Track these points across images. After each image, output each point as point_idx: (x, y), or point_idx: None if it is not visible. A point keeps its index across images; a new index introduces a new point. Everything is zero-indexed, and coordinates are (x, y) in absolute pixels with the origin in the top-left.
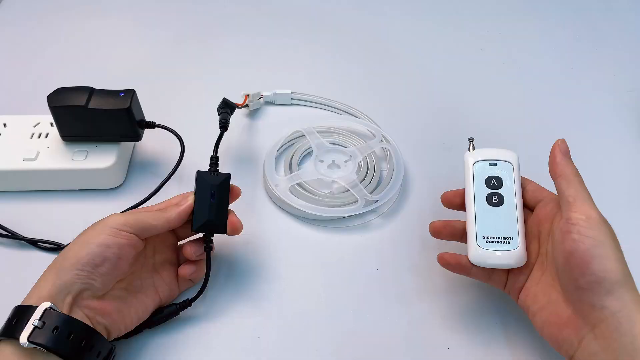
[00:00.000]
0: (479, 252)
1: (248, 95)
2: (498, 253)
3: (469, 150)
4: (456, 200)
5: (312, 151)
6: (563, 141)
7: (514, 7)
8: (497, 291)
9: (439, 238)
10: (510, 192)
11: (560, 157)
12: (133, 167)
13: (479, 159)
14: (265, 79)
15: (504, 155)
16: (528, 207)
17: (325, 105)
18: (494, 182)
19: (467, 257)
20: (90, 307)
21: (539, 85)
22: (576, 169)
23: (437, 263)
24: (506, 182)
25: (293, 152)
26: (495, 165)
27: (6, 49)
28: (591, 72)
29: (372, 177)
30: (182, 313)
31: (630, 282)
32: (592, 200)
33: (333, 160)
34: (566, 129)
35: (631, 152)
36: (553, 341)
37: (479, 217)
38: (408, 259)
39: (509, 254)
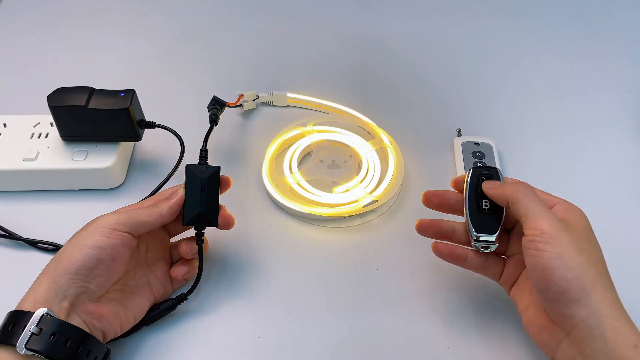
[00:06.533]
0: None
1: (242, 95)
2: None
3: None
4: (433, 200)
5: (312, 151)
6: (484, 183)
7: (514, 7)
8: (498, 291)
9: (422, 234)
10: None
11: (492, 189)
12: (133, 167)
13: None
14: (266, 78)
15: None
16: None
17: (322, 106)
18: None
19: (461, 247)
20: (87, 311)
21: (539, 85)
22: (516, 185)
23: (437, 263)
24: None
25: (293, 152)
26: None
27: (6, 49)
28: (591, 72)
29: (372, 177)
30: (177, 308)
31: (600, 284)
32: (546, 211)
33: (333, 160)
34: (566, 129)
35: (631, 152)
36: (536, 341)
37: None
38: (408, 259)
39: None
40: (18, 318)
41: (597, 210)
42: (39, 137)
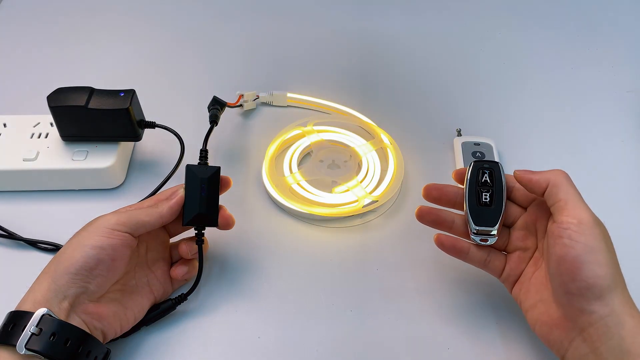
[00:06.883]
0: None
1: (242, 95)
2: None
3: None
4: (433, 193)
5: (312, 151)
6: (517, 170)
7: (514, 7)
8: (498, 290)
9: (421, 222)
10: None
11: (531, 173)
12: (133, 167)
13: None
14: (266, 78)
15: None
16: (521, 206)
17: (322, 106)
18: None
19: (464, 241)
20: (87, 311)
21: (539, 85)
22: (558, 170)
23: (438, 263)
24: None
25: (293, 152)
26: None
27: (6, 49)
28: (591, 72)
29: (372, 177)
30: (177, 308)
31: (621, 284)
32: (584, 203)
33: (333, 160)
34: (566, 129)
35: (631, 152)
36: (544, 340)
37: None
38: (408, 258)
39: None
40: (18, 318)
41: (597, 210)
42: (39, 137)
